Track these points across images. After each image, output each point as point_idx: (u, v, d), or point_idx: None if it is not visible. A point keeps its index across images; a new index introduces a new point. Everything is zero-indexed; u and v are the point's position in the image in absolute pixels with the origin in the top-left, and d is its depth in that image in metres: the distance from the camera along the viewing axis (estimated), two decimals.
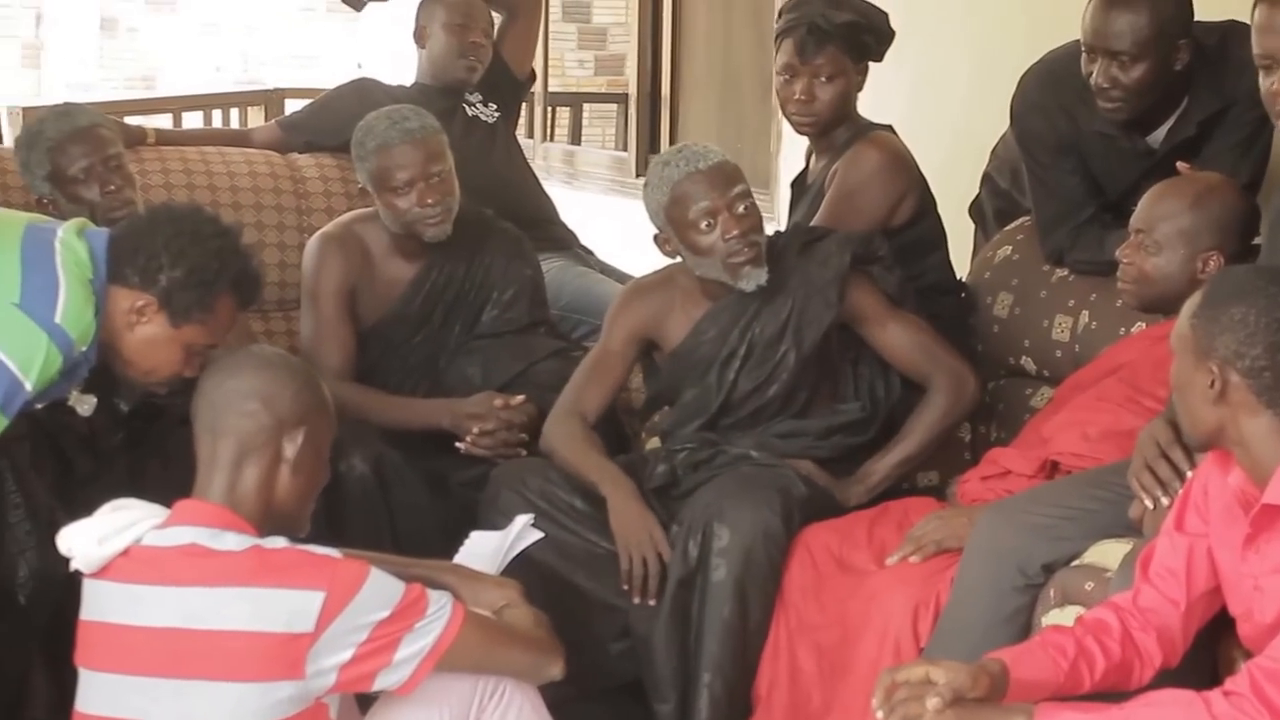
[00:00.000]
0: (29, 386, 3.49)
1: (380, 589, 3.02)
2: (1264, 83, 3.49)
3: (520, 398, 4.47)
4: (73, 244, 3.62)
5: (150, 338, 3.63)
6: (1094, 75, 4.06)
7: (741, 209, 4.13)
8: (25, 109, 6.39)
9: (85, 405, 3.88)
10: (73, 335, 3.53)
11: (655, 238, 4.25)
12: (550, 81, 10.12)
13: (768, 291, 4.17)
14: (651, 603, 4.01)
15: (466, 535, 3.84)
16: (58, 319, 3.51)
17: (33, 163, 4.48)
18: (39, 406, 3.67)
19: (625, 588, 4.06)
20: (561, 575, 4.10)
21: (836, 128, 4.56)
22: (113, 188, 4.43)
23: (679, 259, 4.25)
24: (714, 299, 4.25)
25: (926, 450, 4.24)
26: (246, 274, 3.70)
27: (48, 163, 4.45)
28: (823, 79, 4.50)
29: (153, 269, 3.59)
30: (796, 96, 4.52)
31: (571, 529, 4.14)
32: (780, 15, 4.61)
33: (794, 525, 4.01)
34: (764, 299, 4.19)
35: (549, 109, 10.32)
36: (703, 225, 4.12)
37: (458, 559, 3.61)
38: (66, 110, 4.59)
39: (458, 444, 4.45)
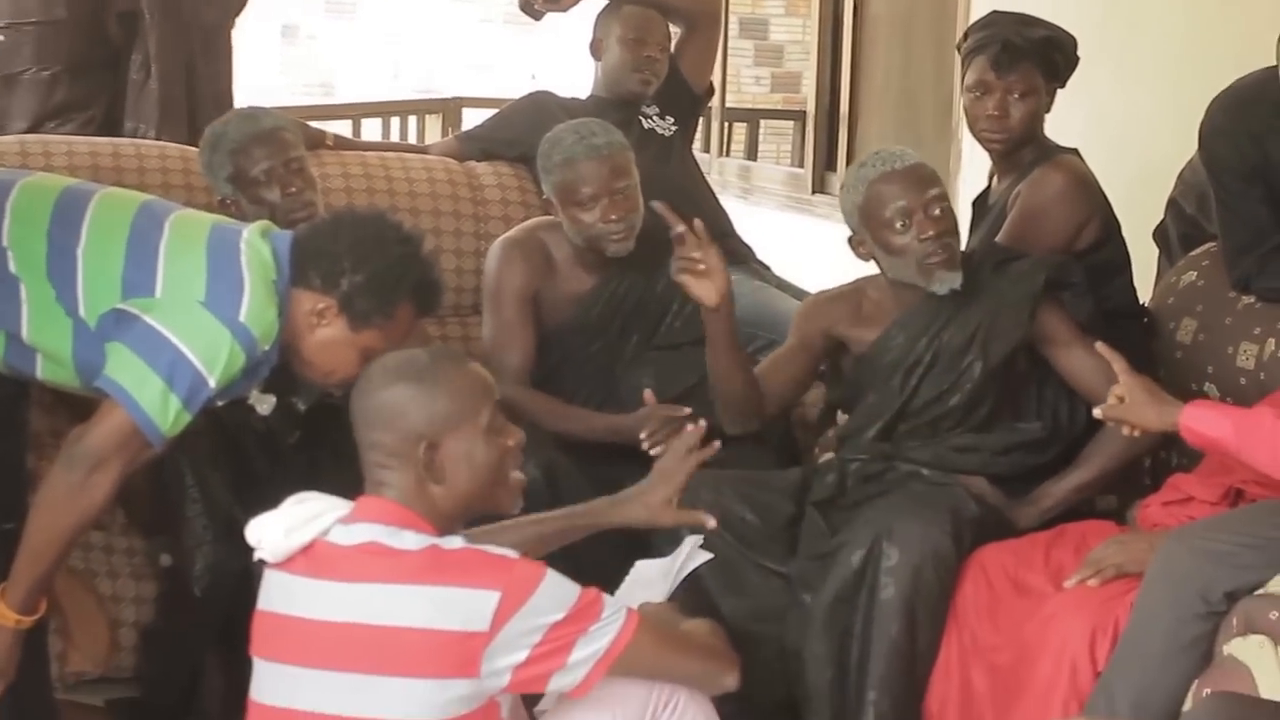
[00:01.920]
0: (212, 383, 3.53)
1: (555, 591, 3.01)
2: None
3: (687, 411, 4.35)
4: (257, 245, 3.65)
5: (330, 340, 3.65)
6: None
7: (937, 210, 4.12)
8: None
9: (265, 404, 3.93)
10: (256, 334, 3.56)
11: (850, 240, 4.24)
12: (726, 97, 10.13)
13: (959, 301, 4.15)
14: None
15: (636, 551, 3.82)
16: (242, 318, 3.54)
17: (216, 164, 4.50)
18: (220, 404, 3.70)
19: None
20: (715, 601, 4.02)
21: (1024, 147, 4.53)
22: (294, 190, 4.45)
23: (871, 262, 4.23)
24: (904, 307, 4.23)
25: (1104, 480, 4.18)
26: (427, 282, 3.71)
27: (230, 164, 4.47)
28: (1015, 95, 4.48)
29: (335, 273, 3.61)
30: (989, 113, 4.50)
31: (738, 548, 4.10)
32: (968, 34, 4.60)
33: (964, 546, 3.97)
34: (955, 308, 4.17)
35: (725, 124, 10.33)
36: (898, 225, 4.11)
37: (624, 587, 3.58)
38: (250, 113, 4.61)
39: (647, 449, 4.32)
